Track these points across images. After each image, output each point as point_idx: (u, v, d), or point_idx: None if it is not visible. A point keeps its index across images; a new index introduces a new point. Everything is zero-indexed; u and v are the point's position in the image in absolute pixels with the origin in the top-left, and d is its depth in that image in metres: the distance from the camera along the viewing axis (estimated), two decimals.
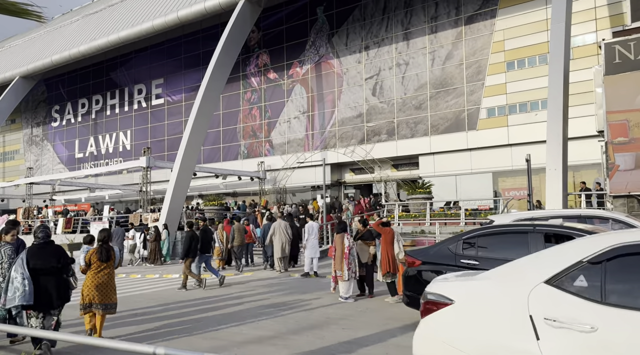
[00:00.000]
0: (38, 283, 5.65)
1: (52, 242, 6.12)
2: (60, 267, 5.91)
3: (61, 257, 5.96)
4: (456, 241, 6.60)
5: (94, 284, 6.45)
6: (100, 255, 6.57)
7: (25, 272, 5.56)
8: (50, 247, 5.99)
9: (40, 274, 5.68)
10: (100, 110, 40.82)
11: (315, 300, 9.30)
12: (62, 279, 5.97)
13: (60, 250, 6.11)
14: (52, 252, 5.92)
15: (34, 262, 5.67)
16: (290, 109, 30.65)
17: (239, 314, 8.10)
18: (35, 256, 5.74)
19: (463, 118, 24.32)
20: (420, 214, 17.06)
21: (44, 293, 5.67)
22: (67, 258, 6.11)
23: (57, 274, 5.89)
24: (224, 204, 25.67)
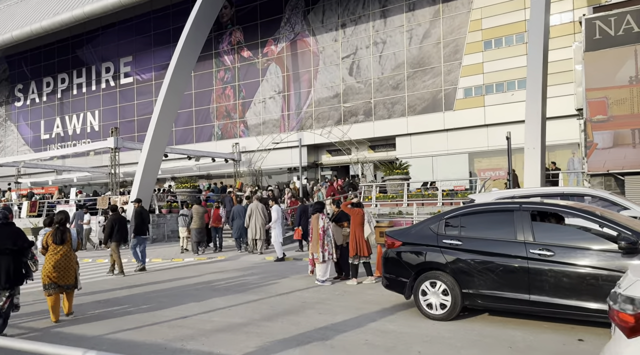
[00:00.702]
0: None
1: (11, 224, 6.15)
2: (15, 250, 5.91)
3: (18, 240, 5.96)
4: (438, 221, 6.27)
5: (51, 265, 6.54)
6: (54, 238, 6.65)
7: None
8: (8, 228, 6.00)
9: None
10: (67, 89, 39.07)
11: (291, 283, 8.93)
12: (17, 261, 5.96)
13: (18, 232, 6.11)
14: (8, 234, 5.93)
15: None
16: (265, 88, 29.85)
17: (210, 300, 7.66)
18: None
19: (440, 98, 24.08)
20: (397, 195, 16.81)
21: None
22: (25, 241, 6.10)
23: (12, 256, 5.88)
24: (197, 186, 24.92)
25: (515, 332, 5.38)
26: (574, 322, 5.54)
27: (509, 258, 5.59)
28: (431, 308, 6.01)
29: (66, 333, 5.83)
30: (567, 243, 5.37)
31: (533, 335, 5.23)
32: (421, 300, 6.09)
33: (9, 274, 5.80)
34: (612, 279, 4.97)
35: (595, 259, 5.13)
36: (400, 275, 6.33)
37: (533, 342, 5.02)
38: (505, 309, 5.68)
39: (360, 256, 8.58)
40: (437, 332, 5.42)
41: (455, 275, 5.87)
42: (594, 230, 5.52)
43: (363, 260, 8.68)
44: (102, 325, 6.19)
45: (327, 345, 5.04)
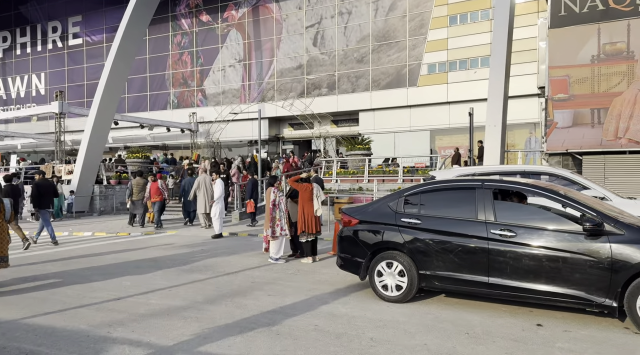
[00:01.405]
0: None
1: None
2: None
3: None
4: (397, 198, 5.87)
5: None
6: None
7: None
8: None
9: None
10: (9, 48, 36.24)
11: (243, 261, 8.42)
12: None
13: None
14: None
15: None
16: (225, 56, 28.60)
17: (151, 279, 7.05)
18: None
19: (404, 73, 23.74)
20: (358, 171, 16.46)
21: None
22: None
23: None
24: (148, 156, 23.73)
25: (472, 316, 5.11)
26: (532, 306, 5.34)
27: (468, 238, 5.27)
28: (386, 290, 5.67)
29: None
30: (529, 223, 5.09)
31: (491, 320, 4.97)
32: (376, 282, 5.73)
33: None
34: (575, 261, 4.75)
35: (558, 240, 4.88)
36: (355, 255, 5.94)
37: (491, 327, 4.75)
38: (463, 292, 5.40)
39: (309, 233, 8.15)
40: (392, 316, 5.08)
41: (413, 256, 5.52)
42: (557, 210, 5.27)
43: (311, 237, 8.24)
44: (22, 306, 5.50)
45: (273, 331, 4.59)
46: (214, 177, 12.14)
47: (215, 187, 12.09)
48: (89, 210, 18.99)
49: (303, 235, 8.21)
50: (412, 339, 4.41)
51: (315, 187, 8.29)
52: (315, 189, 8.24)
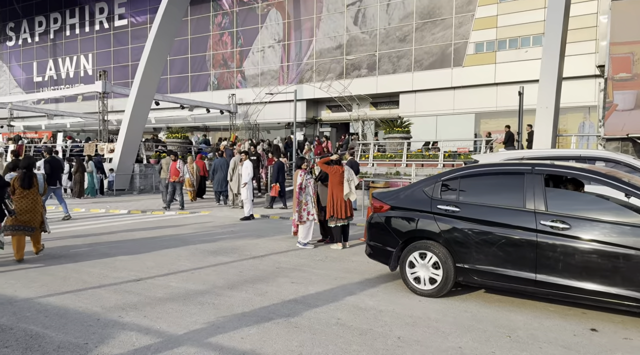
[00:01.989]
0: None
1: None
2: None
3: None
4: (433, 183, 5.33)
5: (18, 208, 6.66)
6: (22, 182, 6.76)
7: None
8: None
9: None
10: (59, 30, 37.35)
11: (270, 245, 8.13)
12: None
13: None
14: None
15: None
16: (264, 36, 28.26)
17: (175, 260, 6.87)
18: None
19: (449, 53, 22.62)
20: (396, 155, 15.82)
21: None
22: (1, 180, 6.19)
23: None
24: (187, 136, 23.95)
25: (515, 316, 4.57)
26: (584, 307, 4.73)
27: (514, 229, 4.69)
28: (419, 282, 5.19)
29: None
30: (585, 214, 4.45)
31: (537, 322, 4.41)
32: (408, 273, 5.26)
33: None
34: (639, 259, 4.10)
35: (620, 234, 4.23)
36: (386, 244, 5.47)
37: (537, 330, 4.20)
38: (506, 288, 4.84)
39: (338, 218, 7.72)
40: (423, 312, 4.61)
41: (449, 247, 5.00)
42: (619, 200, 4.59)
43: (341, 222, 7.79)
44: (42, 283, 5.41)
45: (292, 323, 4.24)
46: (243, 158, 11.91)
47: (243, 169, 11.86)
48: (129, 189, 19.36)
49: (332, 220, 7.80)
50: (445, 341, 3.94)
51: (347, 170, 7.82)
52: (346, 172, 7.77)
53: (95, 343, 3.69)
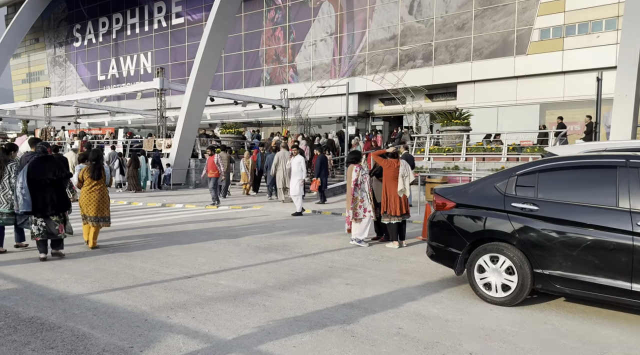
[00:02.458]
0: (35, 192, 6.24)
1: (50, 157, 6.59)
2: (55, 179, 6.34)
3: (56, 171, 6.33)
4: (507, 178, 4.76)
5: (87, 199, 7.04)
6: (91, 174, 7.09)
7: (24, 182, 6.16)
8: (48, 161, 6.40)
9: (37, 184, 6.24)
10: (121, 29, 38.92)
11: (323, 242, 7.79)
12: (58, 189, 6.42)
13: (57, 164, 6.46)
14: (49, 166, 6.32)
15: (33, 174, 6.23)
16: (316, 30, 27.96)
17: (226, 257, 6.68)
18: (34, 169, 6.26)
19: (511, 41, 21.31)
20: (455, 148, 15.02)
21: (40, 201, 6.25)
22: (64, 172, 6.45)
23: (53, 185, 6.35)
24: (241, 132, 24.14)
25: (607, 331, 3.95)
26: None
27: (605, 231, 4.07)
28: (489, 289, 4.66)
29: (50, 289, 5.04)
30: None
31: (634, 340, 3.78)
32: (477, 279, 4.73)
33: (54, 201, 6.32)
34: None
35: None
36: (450, 245, 4.96)
37: (635, 350, 3.58)
38: (593, 298, 4.22)
39: (392, 215, 7.23)
40: (497, 323, 4.09)
41: (526, 250, 4.43)
42: None
43: (395, 220, 7.29)
44: (94, 278, 5.36)
45: (348, 331, 3.86)
46: (294, 153, 11.63)
47: (294, 164, 11.56)
48: (185, 183, 19.75)
49: (385, 217, 7.35)
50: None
51: (402, 164, 7.31)
52: (401, 167, 7.27)
53: (140, 347, 3.49)
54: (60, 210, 6.41)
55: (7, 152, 6.89)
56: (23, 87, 48.70)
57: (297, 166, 11.40)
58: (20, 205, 6.16)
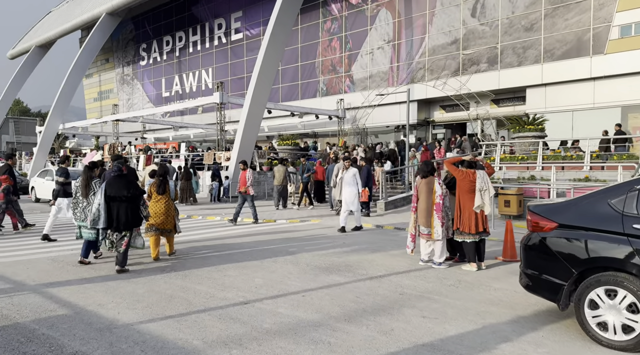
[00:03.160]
0: (111, 209, 6.61)
1: (125, 175, 6.92)
2: (129, 197, 6.63)
3: (131, 188, 6.67)
4: (624, 193, 3.88)
5: (153, 211, 7.45)
6: (157, 188, 7.57)
7: (101, 199, 6.58)
8: (123, 179, 6.75)
9: (113, 201, 6.60)
10: (184, 47, 40.36)
11: (388, 262, 7.09)
12: (131, 206, 6.68)
13: (131, 182, 6.82)
14: (124, 184, 6.67)
15: (109, 191, 6.61)
16: (373, 38, 27.37)
17: (285, 279, 6.17)
18: (111, 186, 6.63)
19: (587, 40, 19.61)
20: (529, 157, 13.78)
21: (115, 217, 6.60)
22: (138, 189, 6.80)
23: (127, 202, 6.63)
24: (297, 143, 23.92)
25: None
26: None
27: None
28: (605, 330, 3.79)
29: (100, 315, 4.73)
30: None
31: None
32: (588, 317, 3.88)
33: (127, 218, 6.60)
34: None
35: None
36: (551, 274, 4.13)
37: None
38: None
39: (466, 233, 6.41)
40: None
41: None
42: None
43: (470, 238, 6.46)
44: (146, 304, 5.01)
45: None
46: (346, 165, 10.80)
47: (346, 176, 10.81)
48: None
49: (459, 234, 6.55)
50: None
51: (480, 176, 6.48)
52: (479, 179, 6.44)
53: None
54: (131, 226, 6.73)
55: (91, 170, 7.46)
56: (94, 105, 51.80)
57: (352, 179, 10.53)
58: (96, 220, 6.61)
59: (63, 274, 6.41)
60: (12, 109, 62.85)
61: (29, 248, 8.54)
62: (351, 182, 10.45)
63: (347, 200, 10.37)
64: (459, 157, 6.85)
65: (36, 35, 46.25)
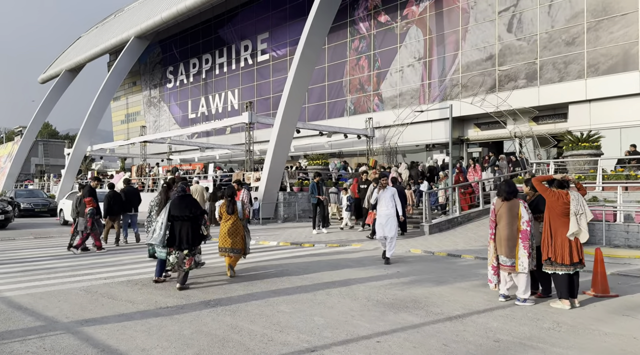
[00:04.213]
0: (174, 227, 6.88)
1: (189, 195, 7.23)
2: (191, 216, 6.88)
3: (193, 208, 6.95)
4: None
5: (223, 231, 7.71)
6: (227, 208, 7.77)
7: (165, 218, 6.87)
8: (186, 199, 7.03)
9: (176, 220, 6.88)
10: (210, 69, 40.60)
11: (459, 297, 6.23)
12: (193, 225, 6.92)
13: (194, 202, 7.09)
14: (187, 204, 6.95)
15: (173, 211, 6.91)
16: (403, 56, 26.82)
17: (347, 316, 5.38)
18: (175, 206, 6.94)
19: (635, 53, 18.63)
20: (587, 176, 12.77)
21: (177, 235, 6.84)
22: (199, 209, 7.04)
23: (190, 221, 6.88)
24: (327, 163, 23.29)
25: None
26: None
27: None
28: None
29: None
30: None
31: None
32: None
33: (189, 236, 6.82)
34: None
35: None
36: None
37: None
38: None
39: (559, 263, 5.53)
40: None
41: None
42: None
43: (564, 270, 5.58)
44: (196, 349, 4.29)
45: None
46: (383, 183, 9.51)
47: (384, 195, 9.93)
48: (274, 217, 19.05)
49: (549, 265, 5.68)
50: None
51: (575, 197, 5.64)
52: (573, 201, 5.60)
53: None
54: (193, 244, 6.90)
55: (169, 190, 7.87)
56: (122, 128, 52.47)
57: (389, 200, 9.21)
58: (160, 238, 6.87)
59: (98, 309, 5.76)
60: (41, 132, 64.25)
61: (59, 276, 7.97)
62: (388, 204, 9.19)
63: (383, 224, 9.10)
64: (549, 175, 6.00)
65: (66, 60, 47.34)
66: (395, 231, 9.20)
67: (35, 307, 5.88)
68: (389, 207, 9.16)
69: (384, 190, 9.39)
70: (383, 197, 9.28)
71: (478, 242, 11.36)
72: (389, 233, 9.06)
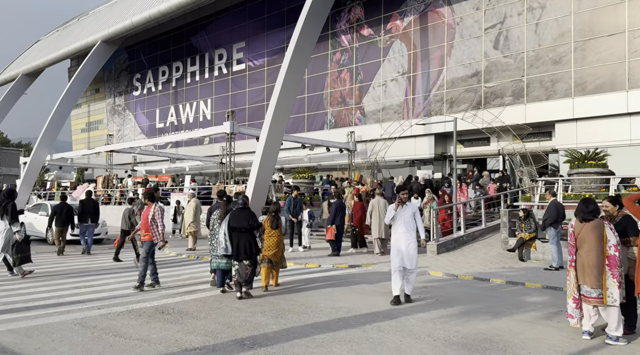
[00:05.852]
0: (233, 239, 7.27)
1: (247, 208, 7.45)
2: (249, 228, 7.21)
3: (250, 220, 7.24)
4: None
5: (267, 244, 7.94)
6: (271, 223, 8.05)
7: (225, 229, 7.30)
8: (245, 212, 7.33)
9: (235, 231, 7.26)
10: (181, 78, 39.07)
11: (534, 334, 5.44)
12: (250, 237, 7.24)
13: (252, 215, 7.32)
14: (245, 216, 7.25)
15: (232, 223, 7.29)
16: (386, 70, 26.50)
17: None
18: (234, 218, 7.32)
19: (622, 73, 18.91)
20: (596, 195, 12.49)
21: (236, 246, 7.25)
22: (256, 221, 7.32)
23: (247, 233, 7.23)
24: (313, 176, 22.43)
25: None
26: None
27: None
28: None
29: None
30: None
31: None
32: None
33: (245, 247, 7.17)
34: None
35: None
36: None
37: None
38: None
39: None
40: None
41: None
42: None
43: None
44: None
45: None
46: (403, 198, 8.54)
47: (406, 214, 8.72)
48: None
49: None
50: None
51: None
52: None
53: None
54: (251, 255, 7.22)
55: (228, 203, 8.09)
56: (82, 136, 49.70)
57: (411, 220, 7.29)
58: (222, 249, 7.27)
59: (108, 352, 4.60)
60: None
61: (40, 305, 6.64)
62: (409, 225, 7.22)
63: (404, 251, 7.11)
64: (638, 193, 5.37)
65: (24, 63, 44.53)
66: (416, 262, 7.26)
67: (25, 351, 4.65)
68: (409, 230, 7.19)
69: (402, 207, 7.31)
70: (401, 216, 7.25)
71: (493, 263, 10.76)
72: (410, 264, 7.11)
